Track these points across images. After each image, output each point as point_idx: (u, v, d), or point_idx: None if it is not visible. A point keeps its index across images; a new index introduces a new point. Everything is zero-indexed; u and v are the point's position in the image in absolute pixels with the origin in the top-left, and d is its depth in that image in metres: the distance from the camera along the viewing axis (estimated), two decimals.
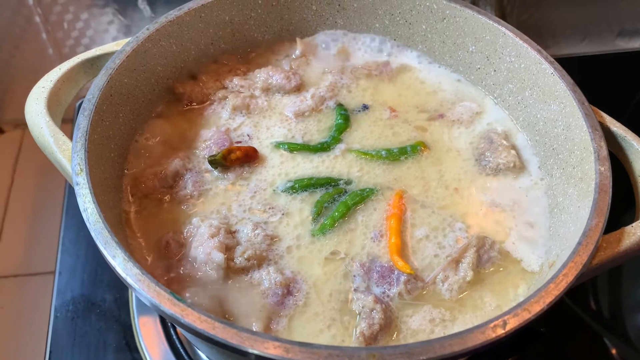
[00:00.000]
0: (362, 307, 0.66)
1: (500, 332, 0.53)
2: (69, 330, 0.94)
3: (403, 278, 0.68)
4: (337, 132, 0.84)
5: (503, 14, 1.30)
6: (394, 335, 0.65)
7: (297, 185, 0.77)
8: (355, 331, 0.65)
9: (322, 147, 0.82)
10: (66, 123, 0.76)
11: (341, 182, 0.78)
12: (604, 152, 0.68)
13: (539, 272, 0.71)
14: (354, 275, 0.69)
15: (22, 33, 1.28)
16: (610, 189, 0.65)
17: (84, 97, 0.73)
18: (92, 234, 0.60)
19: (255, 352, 0.52)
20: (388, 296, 0.68)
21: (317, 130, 0.85)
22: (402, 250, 0.72)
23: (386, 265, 0.70)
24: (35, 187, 1.38)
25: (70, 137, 0.69)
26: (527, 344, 0.90)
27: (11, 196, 1.37)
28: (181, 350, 0.88)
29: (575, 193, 0.71)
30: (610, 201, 0.64)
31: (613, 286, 0.99)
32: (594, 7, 1.37)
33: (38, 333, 1.02)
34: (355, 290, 0.68)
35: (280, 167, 0.80)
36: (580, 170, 0.71)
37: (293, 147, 0.82)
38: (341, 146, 0.82)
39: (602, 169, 0.67)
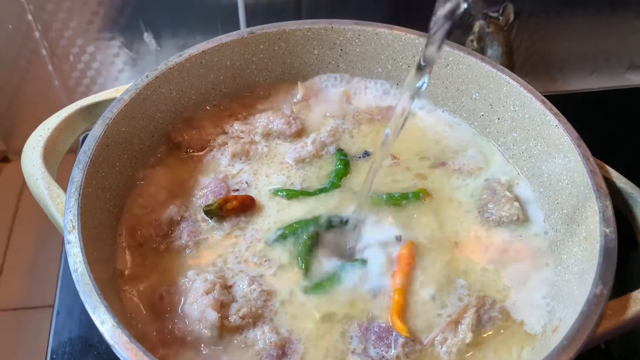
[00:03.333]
0: None
1: None
2: None
3: (401, 340, 0.66)
4: (337, 177, 0.83)
5: (510, 50, 1.29)
6: None
7: (286, 232, 0.76)
8: None
9: (321, 193, 0.81)
10: (70, 153, 0.75)
11: (322, 219, 0.77)
12: (610, 212, 0.66)
13: (541, 334, 0.68)
14: (351, 336, 0.68)
15: (28, 65, 1.28)
16: (616, 253, 0.63)
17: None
18: (82, 297, 0.59)
19: None
20: (385, 359, 0.66)
21: (316, 177, 0.83)
22: (403, 310, 0.70)
23: (384, 325, 0.68)
24: (39, 217, 1.37)
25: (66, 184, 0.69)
26: None
27: (15, 225, 1.37)
28: None
29: (580, 253, 0.69)
30: (615, 266, 0.62)
31: None
32: (603, 40, 1.36)
33: None
34: (352, 352, 0.66)
35: (277, 216, 0.78)
36: (584, 229, 0.69)
37: (291, 194, 0.81)
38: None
39: (608, 231, 0.65)
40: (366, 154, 0.86)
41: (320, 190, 0.81)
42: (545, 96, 0.79)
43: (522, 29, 1.30)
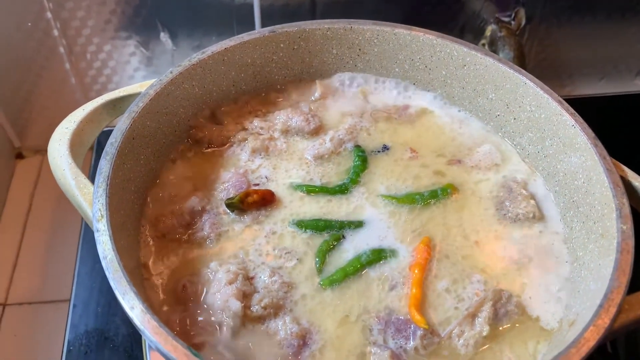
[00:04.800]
0: None
1: None
2: None
3: (419, 332, 0.67)
4: (355, 174, 0.84)
5: (522, 54, 1.30)
6: None
7: (307, 226, 0.77)
8: None
9: (340, 189, 0.82)
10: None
11: (347, 227, 0.78)
12: (627, 209, 0.68)
13: (558, 329, 0.70)
14: (371, 328, 0.69)
15: (45, 63, 1.30)
16: (633, 249, 0.64)
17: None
18: (112, 283, 0.60)
19: None
20: (405, 351, 0.67)
21: (335, 173, 0.85)
22: (422, 303, 0.71)
23: (402, 318, 0.69)
24: (53, 213, 1.39)
25: (89, 176, 0.70)
26: None
27: (29, 221, 1.38)
28: None
29: (596, 250, 0.70)
30: (633, 261, 0.64)
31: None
32: (613, 46, 1.37)
33: None
34: (372, 343, 0.67)
35: (296, 210, 0.80)
36: (601, 226, 0.70)
37: (311, 190, 0.82)
38: (361, 189, 0.82)
39: (625, 227, 0.66)
40: (385, 148, 0.87)
41: (340, 187, 0.83)
42: None
43: (533, 34, 1.32)
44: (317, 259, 0.74)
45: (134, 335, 0.96)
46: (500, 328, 0.70)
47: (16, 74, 1.31)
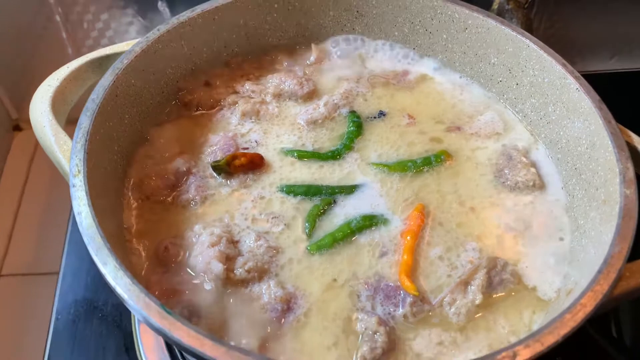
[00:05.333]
0: (365, 329, 0.62)
1: None
2: (69, 333, 0.92)
3: (409, 299, 0.64)
4: (349, 139, 0.81)
5: (529, 29, 1.26)
6: None
7: (297, 191, 0.74)
8: (356, 354, 0.61)
9: (333, 155, 0.79)
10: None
11: (338, 192, 0.75)
12: (631, 173, 0.64)
13: (555, 299, 0.66)
14: (359, 294, 0.66)
15: (42, 32, 1.28)
16: (636, 214, 0.61)
17: None
18: (85, 239, 0.58)
19: None
20: (393, 317, 0.64)
21: (328, 138, 0.82)
22: (413, 270, 0.68)
23: (392, 285, 0.66)
24: (49, 186, 1.38)
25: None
26: None
27: (25, 193, 1.37)
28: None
29: (598, 216, 0.66)
30: (635, 227, 0.60)
31: (636, 313, 0.94)
32: (625, 23, 1.32)
33: (40, 333, 1.00)
34: (359, 309, 0.65)
35: (286, 175, 0.77)
36: (603, 192, 0.67)
37: (302, 155, 0.79)
38: (354, 155, 0.79)
39: (628, 192, 0.62)
40: (381, 114, 0.84)
41: (332, 152, 0.80)
42: None
43: (542, 8, 1.28)
44: (307, 224, 0.72)
45: (123, 306, 0.94)
46: (495, 296, 0.67)
47: (13, 46, 1.29)
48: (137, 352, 0.89)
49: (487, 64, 0.85)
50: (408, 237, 0.70)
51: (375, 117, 0.84)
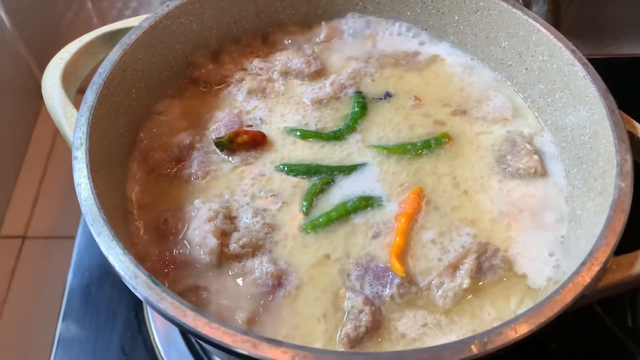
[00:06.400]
0: (352, 307, 0.64)
1: (477, 351, 0.50)
2: (82, 297, 0.96)
3: (397, 281, 0.66)
4: (352, 120, 0.81)
5: (558, 9, 1.22)
6: (379, 339, 0.63)
7: (297, 170, 0.75)
8: (341, 331, 0.63)
9: (335, 136, 0.80)
10: None
11: (337, 172, 0.75)
12: (628, 166, 0.63)
13: (545, 288, 0.66)
14: (349, 274, 0.67)
15: (68, 3, 1.30)
16: (629, 207, 0.60)
17: None
18: (82, 209, 0.61)
19: (224, 343, 0.51)
20: (380, 297, 0.65)
21: (332, 119, 0.82)
22: (404, 252, 0.69)
23: (382, 266, 0.67)
24: None
25: None
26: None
27: (50, 160, 1.42)
28: None
29: (593, 208, 0.66)
30: (626, 220, 0.59)
31: None
32: None
33: (57, 294, 1.05)
34: (348, 288, 0.66)
35: (288, 154, 0.78)
36: (601, 183, 0.66)
37: (305, 134, 0.80)
38: (356, 136, 0.80)
39: (623, 184, 0.61)
40: (388, 95, 0.84)
41: (335, 133, 0.80)
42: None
43: None
44: (305, 202, 0.73)
45: None
46: (484, 282, 0.67)
47: (41, 14, 1.32)
48: (146, 318, 0.93)
49: (498, 47, 0.84)
50: (402, 220, 0.71)
51: (381, 98, 0.84)
